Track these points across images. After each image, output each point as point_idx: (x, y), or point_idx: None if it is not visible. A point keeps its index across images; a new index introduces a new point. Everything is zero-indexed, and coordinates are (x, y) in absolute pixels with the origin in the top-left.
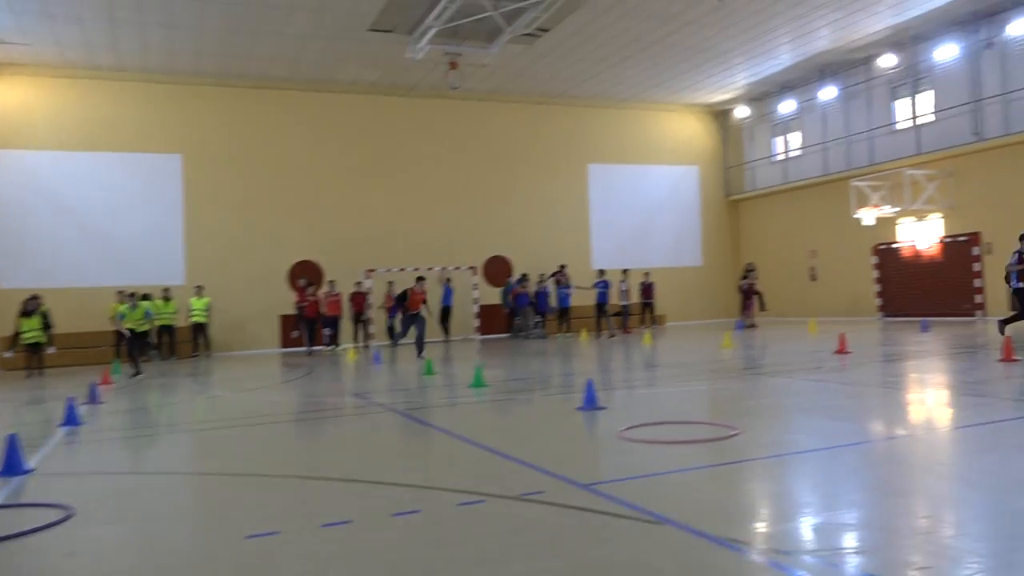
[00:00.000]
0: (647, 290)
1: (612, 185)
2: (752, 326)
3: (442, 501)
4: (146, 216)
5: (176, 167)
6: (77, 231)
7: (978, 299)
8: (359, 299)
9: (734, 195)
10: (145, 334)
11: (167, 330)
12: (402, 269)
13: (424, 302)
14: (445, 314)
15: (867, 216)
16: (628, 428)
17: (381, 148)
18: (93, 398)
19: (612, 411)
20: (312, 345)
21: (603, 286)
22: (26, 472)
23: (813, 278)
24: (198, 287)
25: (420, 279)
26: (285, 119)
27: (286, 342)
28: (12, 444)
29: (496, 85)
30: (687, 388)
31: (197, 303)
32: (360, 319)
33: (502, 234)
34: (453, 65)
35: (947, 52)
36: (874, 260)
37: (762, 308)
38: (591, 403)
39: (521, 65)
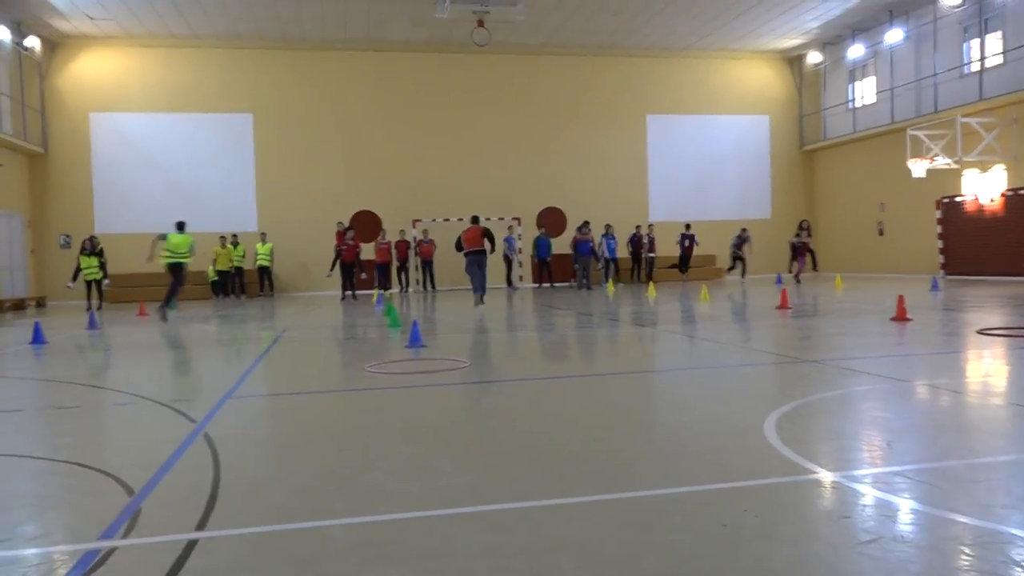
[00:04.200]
0: (688, 243)
1: (673, 136)
2: (796, 283)
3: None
4: (223, 170)
5: (247, 125)
6: (164, 183)
7: None
8: (403, 247)
9: (808, 145)
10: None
11: (237, 272)
12: (446, 220)
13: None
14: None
15: (917, 168)
16: (375, 364)
17: (434, 104)
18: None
19: (428, 349)
20: (347, 290)
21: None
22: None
23: (881, 233)
24: (262, 234)
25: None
26: (344, 78)
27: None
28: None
29: (545, 40)
30: (544, 334)
31: (262, 248)
32: (404, 267)
33: (554, 186)
34: (479, 23)
35: None
36: (937, 215)
37: (814, 267)
38: (415, 341)
39: (559, 19)
